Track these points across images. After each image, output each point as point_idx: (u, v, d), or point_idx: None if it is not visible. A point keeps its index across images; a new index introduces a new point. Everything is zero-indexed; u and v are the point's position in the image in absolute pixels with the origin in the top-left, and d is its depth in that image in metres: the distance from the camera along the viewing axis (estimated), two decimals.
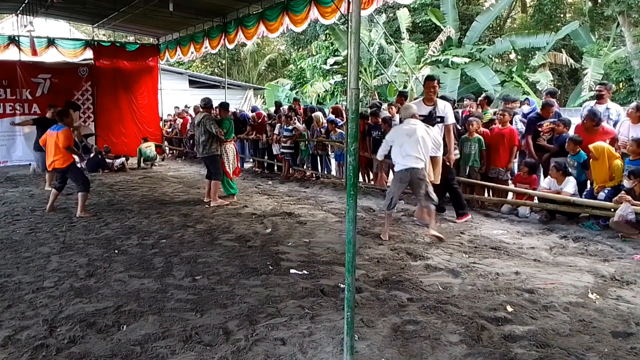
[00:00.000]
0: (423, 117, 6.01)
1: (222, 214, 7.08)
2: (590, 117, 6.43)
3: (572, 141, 6.39)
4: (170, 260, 4.89)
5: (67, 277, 4.41)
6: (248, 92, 23.84)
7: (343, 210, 7.06)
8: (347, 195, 2.72)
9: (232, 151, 8.01)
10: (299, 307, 3.65)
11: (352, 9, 2.79)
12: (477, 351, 3.00)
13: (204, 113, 7.75)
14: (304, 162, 10.55)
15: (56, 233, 6.01)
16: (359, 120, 3.67)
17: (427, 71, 19.83)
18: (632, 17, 18.27)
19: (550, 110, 7.12)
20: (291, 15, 9.51)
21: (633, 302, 3.78)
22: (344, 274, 2.89)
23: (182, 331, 3.29)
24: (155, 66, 15.54)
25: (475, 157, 7.24)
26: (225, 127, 7.73)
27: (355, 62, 2.71)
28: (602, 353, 2.98)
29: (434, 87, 6.22)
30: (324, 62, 23.60)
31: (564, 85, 22.32)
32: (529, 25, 22.50)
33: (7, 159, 13.26)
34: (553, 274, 4.44)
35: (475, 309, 3.62)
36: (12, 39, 13.62)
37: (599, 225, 5.97)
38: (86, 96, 14.34)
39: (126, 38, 21.06)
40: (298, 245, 5.42)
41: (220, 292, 4.02)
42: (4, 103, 13.17)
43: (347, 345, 2.78)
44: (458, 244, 5.42)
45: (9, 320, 3.49)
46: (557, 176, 6.34)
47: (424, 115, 6.08)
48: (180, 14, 11.82)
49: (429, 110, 6.16)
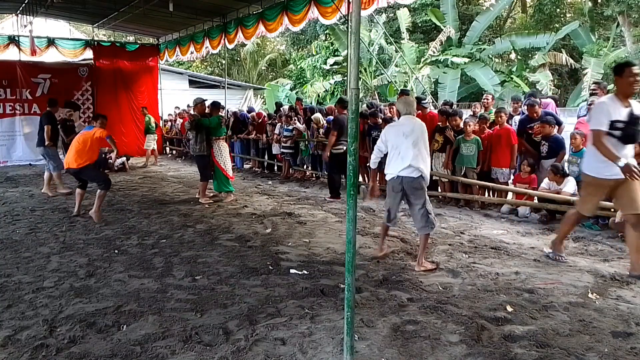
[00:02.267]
0: (622, 124, 4.12)
1: (222, 214, 7.08)
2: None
3: (578, 135, 6.39)
4: (170, 260, 4.89)
5: (67, 277, 4.41)
6: (248, 92, 23.84)
7: (343, 210, 7.06)
8: (347, 195, 2.72)
9: (226, 149, 8.03)
10: (299, 307, 3.65)
11: (352, 9, 2.79)
12: (477, 351, 3.00)
13: (194, 113, 7.89)
14: (304, 162, 10.55)
15: (56, 233, 6.01)
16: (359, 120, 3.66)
17: (427, 71, 19.84)
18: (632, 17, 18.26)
19: (534, 110, 7.13)
20: (290, 15, 9.53)
21: (633, 302, 3.79)
22: (344, 274, 2.88)
23: (182, 331, 3.29)
24: (155, 66, 15.55)
25: (473, 158, 7.26)
26: (213, 123, 7.81)
27: (355, 62, 2.71)
28: (602, 353, 2.98)
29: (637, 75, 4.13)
30: (324, 62, 23.59)
31: (564, 85, 22.30)
32: (529, 25, 22.48)
33: (7, 159, 13.27)
34: (553, 274, 4.44)
35: (475, 309, 3.62)
36: (12, 39, 13.64)
37: (598, 225, 5.97)
38: (86, 96, 14.34)
39: (126, 38, 21.07)
40: (298, 245, 5.42)
41: (220, 292, 4.02)
42: (4, 103, 13.18)
43: (347, 345, 2.78)
44: (458, 244, 5.42)
45: (9, 320, 3.49)
46: (555, 179, 6.34)
47: (622, 121, 4.13)
48: (180, 14, 11.82)
49: (628, 112, 4.18)
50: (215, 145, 7.88)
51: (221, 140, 7.97)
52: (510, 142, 7.09)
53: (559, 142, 6.83)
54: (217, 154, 7.88)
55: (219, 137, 7.92)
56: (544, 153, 6.87)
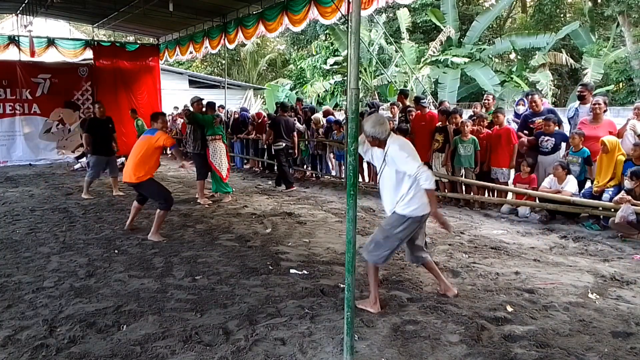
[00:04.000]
0: None
1: (222, 214, 7.08)
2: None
3: (577, 135, 6.39)
4: (170, 260, 4.89)
5: (67, 277, 4.41)
6: (248, 92, 23.86)
7: (343, 210, 7.06)
8: (347, 195, 2.72)
9: (222, 150, 8.04)
10: (299, 307, 3.65)
11: (352, 9, 2.79)
12: (477, 351, 3.00)
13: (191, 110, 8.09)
14: (304, 162, 10.55)
15: (56, 233, 6.01)
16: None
17: (427, 71, 19.87)
18: (632, 17, 18.26)
19: (534, 100, 7.18)
20: (290, 15, 9.53)
21: (633, 302, 3.79)
22: (344, 274, 2.89)
23: (182, 331, 3.29)
24: (156, 66, 15.53)
25: (470, 158, 7.27)
26: (207, 119, 7.91)
27: (355, 62, 2.71)
28: (602, 353, 2.98)
29: None
30: (324, 62, 23.61)
31: (564, 85, 22.31)
32: (529, 26, 22.50)
33: (7, 159, 13.27)
34: (553, 274, 4.44)
35: (475, 309, 3.62)
36: (12, 39, 13.63)
37: (599, 225, 5.97)
38: (86, 96, 14.32)
39: (126, 38, 21.07)
40: (298, 245, 5.42)
41: (220, 292, 4.02)
42: (4, 103, 13.18)
43: (347, 345, 2.78)
44: (458, 244, 5.42)
45: (9, 320, 3.49)
46: (561, 174, 6.31)
47: None
48: (180, 14, 11.81)
49: None
50: (211, 145, 7.90)
51: (218, 140, 7.98)
52: (511, 142, 7.09)
53: (564, 136, 6.89)
54: (212, 155, 7.89)
55: (215, 137, 7.94)
56: (547, 149, 6.84)
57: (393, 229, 3.58)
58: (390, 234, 3.59)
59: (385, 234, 3.62)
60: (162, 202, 5.64)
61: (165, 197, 5.71)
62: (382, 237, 3.63)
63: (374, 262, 3.64)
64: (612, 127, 6.44)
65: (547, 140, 6.84)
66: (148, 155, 5.57)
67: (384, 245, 3.60)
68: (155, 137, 5.54)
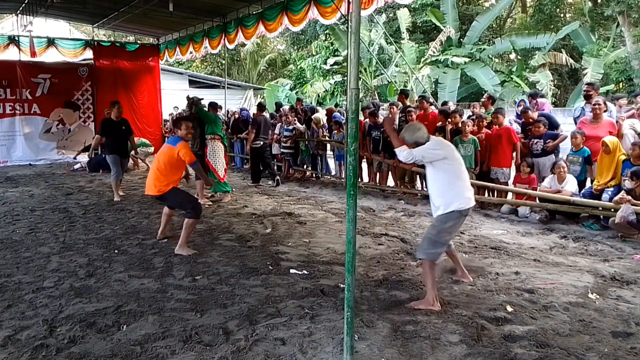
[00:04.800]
0: None
1: (222, 214, 7.08)
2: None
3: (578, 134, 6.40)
4: (170, 260, 4.89)
5: (67, 277, 4.41)
6: (248, 92, 23.84)
7: (343, 210, 7.06)
8: (347, 195, 2.72)
9: (221, 150, 8.04)
10: (299, 307, 3.65)
11: (352, 9, 2.79)
12: (477, 351, 3.00)
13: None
14: (304, 162, 10.56)
15: (56, 233, 6.01)
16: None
17: (427, 71, 19.86)
18: (632, 17, 18.25)
19: (527, 116, 7.28)
20: (290, 15, 9.53)
21: (633, 302, 3.79)
22: (344, 274, 2.89)
23: (182, 331, 3.29)
24: (156, 66, 15.53)
25: (471, 158, 7.27)
26: (210, 117, 8.00)
27: (355, 62, 2.71)
28: (602, 353, 2.98)
29: None
30: (324, 62, 23.60)
31: (564, 85, 22.31)
32: (529, 26, 22.48)
33: (7, 159, 13.27)
34: (553, 274, 4.45)
35: (475, 309, 3.62)
36: (12, 39, 13.63)
37: (599, 225, 5.97)
38: (86, 96, 14.32)
39: (126, 38, 21.07)
40: (298, 245, 5.42)
41: (220, 292, 4.02)
42: (4, 103, 13.17)
43: (347, 345, 2.78)
44: (458, 244, 5.42)
45: (9, 320, 3.49)
46: (562, 173, 6.31)
47: None
48: (180, 14, 11.82)
49: None
50: (209, 145, 7.89)
51: (217, 140, 7.98)
52: (512, 141, 7.10)
53: (553, 136, 6.98)
54: (210, 154, 7.89)
55: (214, 137, 7.93)
56: (538, 151, 6.98)
57: (443, 224, 3.82)
58: (441, 229, 3.83)
59: (437, 229, 3.85)
60: (189, 211, 5.23)
61: (193, 204, 5.31)
62: (434, 232, 3.86)
63: (432, 259, 3.80)
64: (612, 127, 6.45)
65: (537, 142, 6.97)
66: (169, 167, 5.21)
67: (439, 240, 3.84)
68: (177, 149, 5.15)
